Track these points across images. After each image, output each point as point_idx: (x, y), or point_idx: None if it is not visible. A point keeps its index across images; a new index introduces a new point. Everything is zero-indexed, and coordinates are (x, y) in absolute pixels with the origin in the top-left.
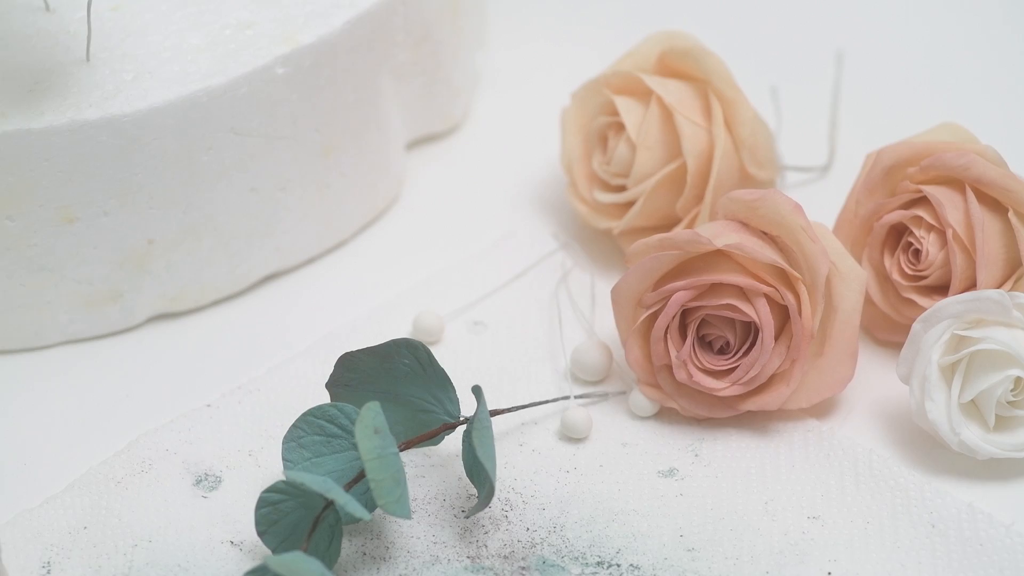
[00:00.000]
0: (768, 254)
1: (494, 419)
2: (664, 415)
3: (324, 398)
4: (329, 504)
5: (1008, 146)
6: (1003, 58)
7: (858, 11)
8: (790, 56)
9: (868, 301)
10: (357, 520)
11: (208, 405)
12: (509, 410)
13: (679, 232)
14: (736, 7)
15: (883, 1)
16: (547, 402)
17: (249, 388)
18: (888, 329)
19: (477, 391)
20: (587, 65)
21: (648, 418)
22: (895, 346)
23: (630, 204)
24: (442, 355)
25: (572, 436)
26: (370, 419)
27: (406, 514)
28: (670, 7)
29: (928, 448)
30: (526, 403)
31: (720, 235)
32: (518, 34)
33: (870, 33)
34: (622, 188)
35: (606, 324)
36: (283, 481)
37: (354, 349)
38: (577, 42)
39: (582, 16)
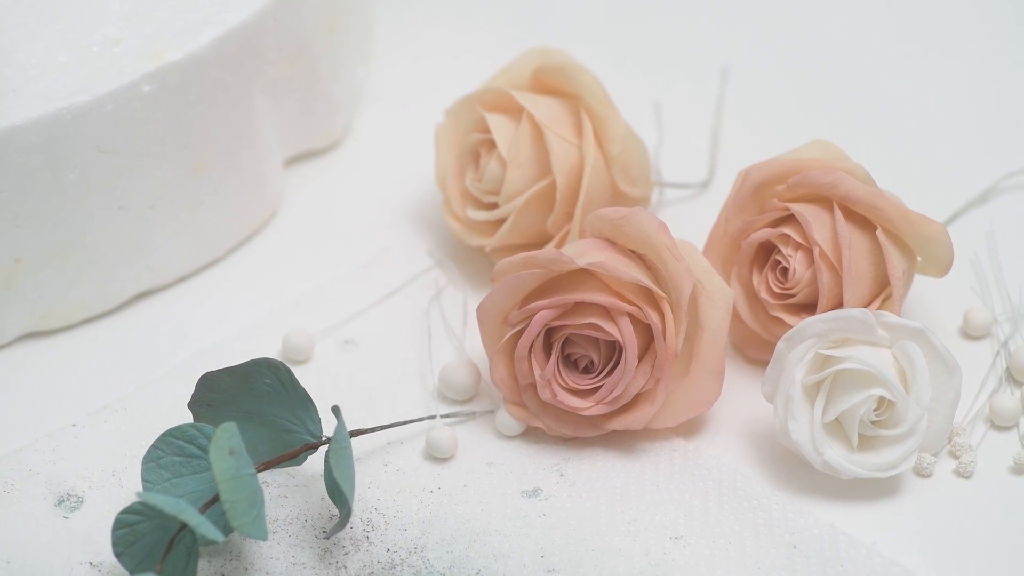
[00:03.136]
0: (631, 273)
1: (359, 439)
2: (531, 434)
3: (191, 418)
4: (185, 525)
5: (888, 163)
6: (885, 75)
7: (746, 27)
8: (678, 72)
9: (738, 319)
10: (212, 542)
11: (73, 425)
12: (372, 430)
13: (543, 251)
14: (626, 23)
15: (770, 17)
16: (411, 421)
17: (115, 407)
18: (758, 347)
19: (336, 411)
20: (476, 81)
21: (514, 437)
22: (766, 364)
23: (502, 221)
24: (311, 374)
25: (437, 456)
26: (225, 440)
27: (263, 535)
28: (560, 24)
29: (794, 467)
30: (392, 422)
31: (585, 254)
32: (406, 49)
33: (756, 49)
34: (494, 205)
35: (477, 343)
36: (140, 502)
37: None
38: (467, 58)
39: (472, 32)
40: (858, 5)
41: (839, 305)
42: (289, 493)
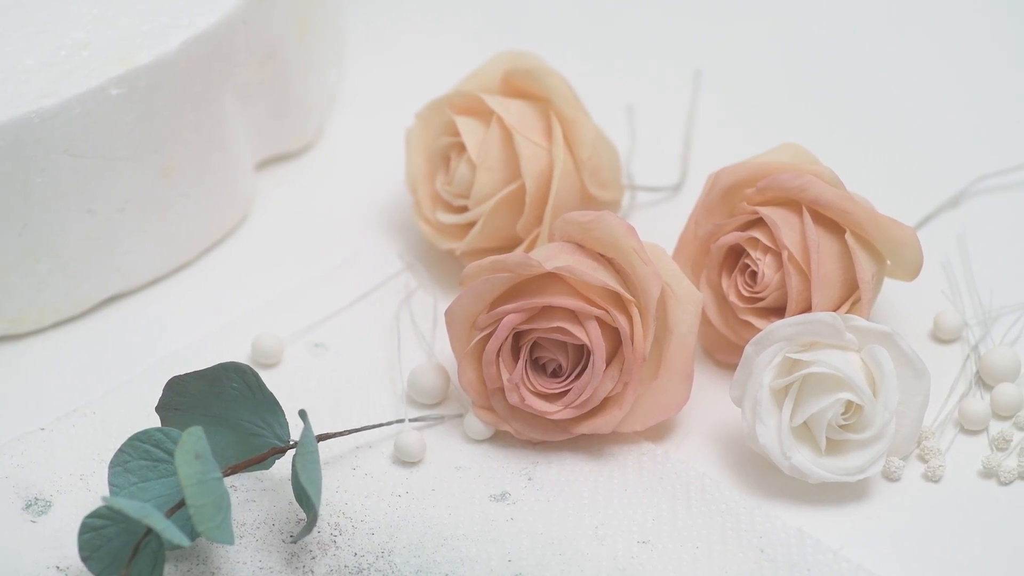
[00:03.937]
0: (599, 276)
1: (328, 442)
2: (499, 438)
3: (159, 422)
4: (151, 530)
5: (859, 166)
6: (856, 78)
7: (719, 30)
8: (651, 75)
9: (707, 323)
10: (178, 546)
11: (42, 428)
12: (339, 434)
13: (511, 255)
14: (598, 25)
15: (743, 21)
16: (379, 425)
17: (84, 411)
18: (727, 351)
19: (303, 415)
20: (447, 84)
21: (483, 441)
22: (735, 368)
23: (472, 225)
24: (280, 377)
25: (405, 460)
26: (191, 444)
27: (229, 540)
28: (532, 28)
29: (763, 471)
30: (360, 426)
31: (553, 257)
32: (378, 53)
33: (729, 52)
34: (464, 209)
35: (447, 346)
36: (105, 506)
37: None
38: (438, 61)
39: (444, 35)
40: (830, 9)
41: (808, 309)
42: (256, 497)
